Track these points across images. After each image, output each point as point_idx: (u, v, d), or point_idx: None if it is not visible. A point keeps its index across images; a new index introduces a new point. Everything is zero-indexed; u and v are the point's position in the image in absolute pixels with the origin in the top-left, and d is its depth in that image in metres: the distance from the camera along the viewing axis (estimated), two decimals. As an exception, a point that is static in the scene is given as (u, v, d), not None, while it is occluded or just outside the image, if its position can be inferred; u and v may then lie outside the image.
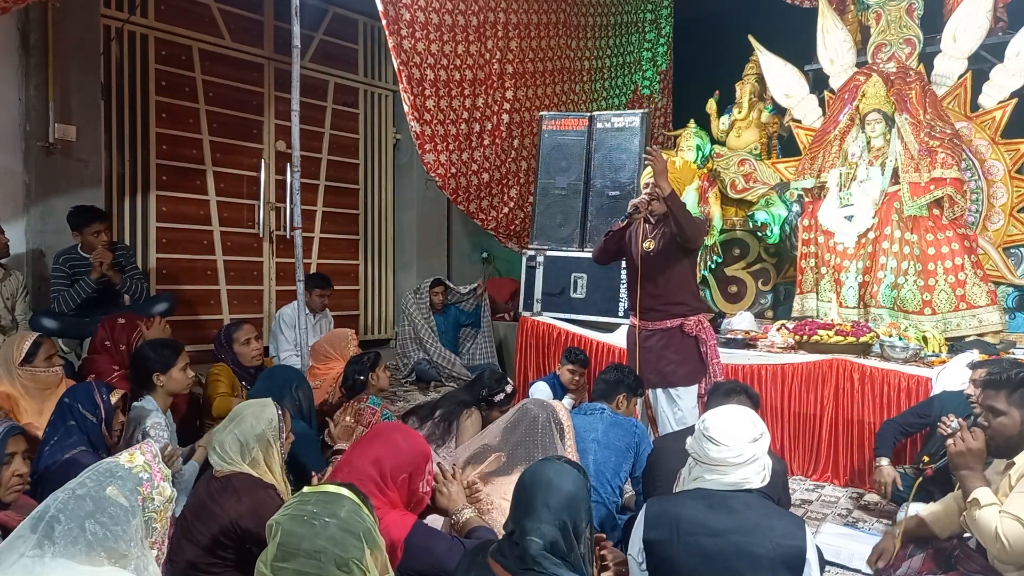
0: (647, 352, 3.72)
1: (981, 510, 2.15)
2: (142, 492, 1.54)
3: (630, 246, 3.77)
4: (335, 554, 1.43)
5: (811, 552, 1.91)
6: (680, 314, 3.66)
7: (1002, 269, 5.03)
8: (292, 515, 1.49)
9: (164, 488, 1.61)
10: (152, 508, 1.57)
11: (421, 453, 2.22)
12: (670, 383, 3.67)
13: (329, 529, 1.46)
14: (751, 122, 6.30)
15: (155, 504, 1.57)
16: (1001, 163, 5.13)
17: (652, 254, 3.67)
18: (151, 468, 1.60)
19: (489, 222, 6.67)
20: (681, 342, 3.66)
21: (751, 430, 1.99)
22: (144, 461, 1.61)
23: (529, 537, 1.61)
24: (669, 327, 3.67)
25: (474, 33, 6.20)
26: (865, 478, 4.06)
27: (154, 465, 1.62)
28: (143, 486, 1.55)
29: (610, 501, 2.96)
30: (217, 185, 5.97)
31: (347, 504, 1.52)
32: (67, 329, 4.29)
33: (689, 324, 3.65)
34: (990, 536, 2.11)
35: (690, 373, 3.66)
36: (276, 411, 2.41)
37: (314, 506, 1.50)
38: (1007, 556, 2.11)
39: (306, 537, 1.44)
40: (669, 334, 3.67)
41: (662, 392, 3.71)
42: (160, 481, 1.60)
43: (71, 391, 2.67)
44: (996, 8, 5.19)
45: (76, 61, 4.84)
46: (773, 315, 5.82)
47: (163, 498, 1.60)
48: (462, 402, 3.44)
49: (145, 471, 1.58)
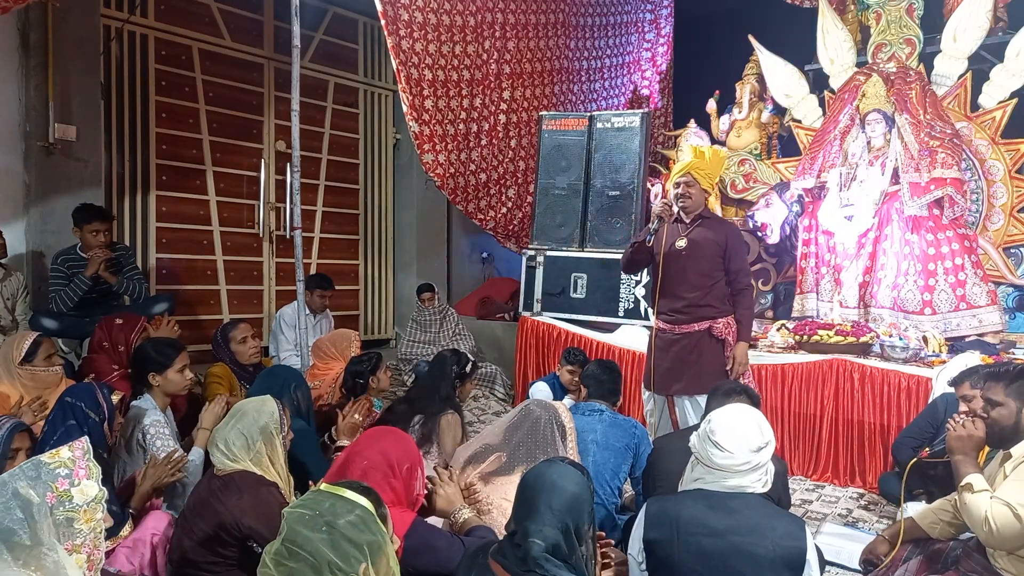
0: (674, 358, 3.58)
1: (973, 495, 2.18)
2: (56, 489, 1.49)
3: (654, 248, 3.63)
4: (332, 560, 1.42)
5: (811, 552, 1.91)
6: (709, 316, 3.53)
7: (1002, 269, 5.03)
8: (301, 513, 1.49)
9: (88, 486, 1.54)
10: (71, 506, 1.50)
11: (416, 450, 2.26)
12: (696, 391, 3.52)
13: (333, 536, 1.45)
14: (751, 122, 6.30)
15: (74, 503, 1.51)
16: (1001, 163, 5.13)
17: (684, 253, 3.55)
18: (73, 465, 1.54)
19: (487, 222, 6.67)
20: (709, 347, 3.53)
21: (757, 438, 1.98)
22: (68, 457, 1.55)
23: (531, 539, 1.61)
24: (697, 330, 3.54)
25: (472, 33, 6.21)
26: (866, 478, 4.06)
27: (79, 462, 1.55)
28: (58, 482, 1.50)
29: (609, 502, 2.96)
30: (217, 185, 5.97)
31: (358, 511, 1.50)
32: (67, 329, 4.28)
33: (718, 327, 3.52)
34: (979, 520, 2.14)
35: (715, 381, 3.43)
36: (277, 405, 2.41)
37: (325, 509, 1.49)
38: (994, 540, 2.14)
39: (310, 540, 1.44)
40: (697, 338, 3.55)
41: (688, 399, 3.58)
42: (83, 479, 1.54)
43: (72, 390, 2.67)
44: (996, 8, 5.19)
45: (76, 61, 4.84)
46: (773, 315, 5.82)
47: (85, 497, 1.53)
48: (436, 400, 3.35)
49: (65, 468, 1.52)
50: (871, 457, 4.08)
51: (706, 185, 3.59)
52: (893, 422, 3.99)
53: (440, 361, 3.60)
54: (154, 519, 2.49)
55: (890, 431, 3.96)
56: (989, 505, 2.12)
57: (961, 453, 2.28)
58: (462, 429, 3.34)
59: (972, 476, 2.21)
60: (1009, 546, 2.14)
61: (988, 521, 2.11)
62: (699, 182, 3.56)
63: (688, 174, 3.56)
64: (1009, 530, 2.08)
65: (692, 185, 3.56)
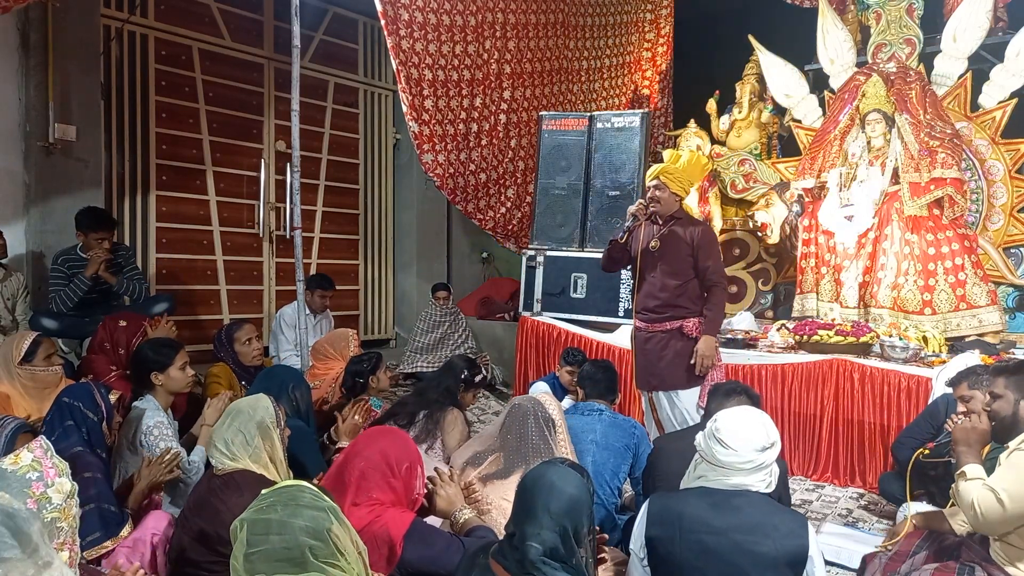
0: (647, 355, 3.69)
1: (966, 482, 2.23)
2: (33, 493, 1.46)
3: (633, 248, 3.73)
4: (304, 526, 1.44)
5: (814, 549, 1.91)
6: (680, 316, 3.61)
7: (1002, 269, 5.03)
8: (255, 508, 1.49)
9: (62, 484, 1.52)
10: (52, 507, 1.49)
11: (416, 449, 2.26)
12: (670, 386, 3.63)
13: (294, 508, 1.46)
14: (751, 122, 6.31)
15: (54, 503, 1.50)
16: (1001, 163, 5.13)
17: (656, 253, 3.63)
18: (41, 465, 1.52)
19: (487, 222, 6.67)
20: (681, 345, 3.61)
21: (763, 438, 1.98)
22: (32, 459, 1.52)
23: (528, 543, 1.60)
24: (669, 329, 3.63)
25: (472, 33, 6.20)
26: (866, 478, 4.06)
27: (45, 461, 1.53)
28: (32, 487, 1.47)
29: (609, 502, 2.96)
30: (217, 185, 5.96)
31: (307, 491, 1.53)
32: (67, 329, 4.28)
33: (688, 326, 3.60)
34: (967, 505, 2.19)
35: (690, 376, 3.60)
36: (271, 402, 2.42)
37: (275, 497, 1.50)
38: (979, 524, 2.18)
39: (273, 520, 1.44)
40: (669, 335, 3.63)
41: (663, 395, 3.68)
42: (54, 478, 1.52)
43: (70, 390, 2.67)
44: (996, 8, 5.20)
45: (76, 61, 4.84)
46: (773, 315, 5.82)
47: (62, 495, 1.52)
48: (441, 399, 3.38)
49: (33, 470, 1.50)
50: (871, 457, 4.08)
51: (676, 189, 3.64)
52: (893, 422, 3.98)
53: (450, 365, 3.66)
54: (154, 519, 2.49)
55: (890, 431, 3.96)
56: (977, 490, 2.17)
57: (965, 444, 2.32)
58: (467, 425, 3.37)
59: (970, 466, 2.26)
60: (994, 531, 2.19)
61: (974, 506, 2.16)
62: (668, 186, 3.62)
63: (658, 178, 3.63)
64: (993, 514, 2.12)
65: (662, 189, 3.62)
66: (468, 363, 3.64)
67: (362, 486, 2.10)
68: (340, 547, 1.46)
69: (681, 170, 3.63)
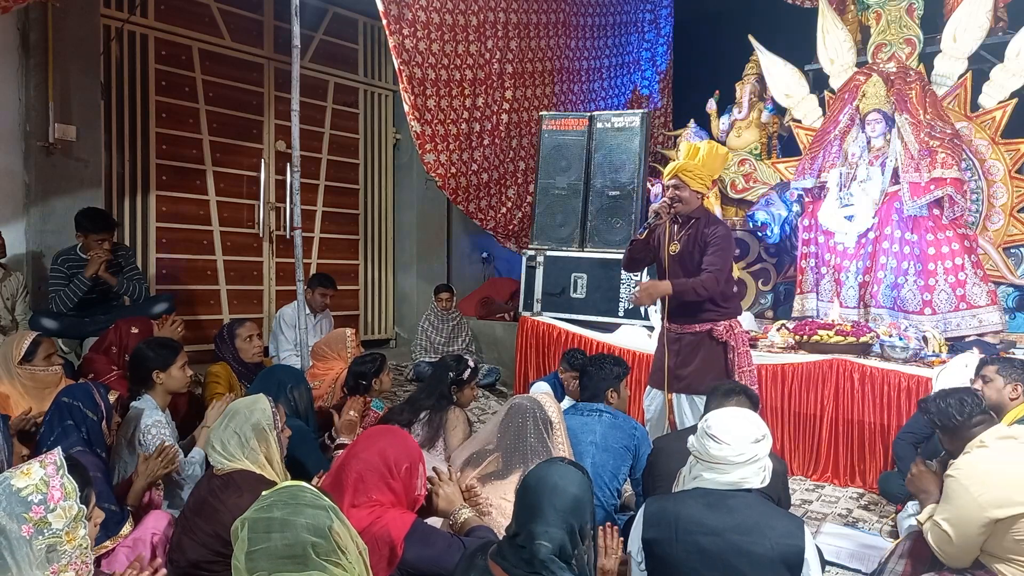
0: (674, 356, 3.57)
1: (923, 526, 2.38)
2: (31, 518, 1.41)
3: (658, 249, 3.62)
4: (306, 523, 1.45)
5: (810, 551, 1.91)
6: (708, 319, 3.49)
7: (1002, 269, 5.03)
8: (257, 508, 1.50)
9: (68, 507, 1.47)
10: (50, 533, 1.44)
11: (416, 449, 2.26)
12: (692, 390, 3.50)
13: (295, 507, 1.47)
14: (751, 122, 6.31)
15: (53, 528, 1.44)
16: (1001, 163, 5.13)
17: (677, 256, 3.53)
18: (47, 487, 1.45)
19: (488, 222, 6.67)
20: (709, 348, 3.51)
21: (754, 431, 2.00)
22: (41, 477, 1.46)
23: (538, 541, 1.60)
24: (698, 331, 3.52)
25: (474, 33, 6.20)
26: (866, 478, 4.06)
27: (53, 481, 1.47)
28: (32, 511, 1.42)
29: (608, 504, 2.95)
30: (217, 185, 5.96)
31: (307, 490, 1.54)
32: (67, 329, 4.28)
33: (719, 329, 3.49)
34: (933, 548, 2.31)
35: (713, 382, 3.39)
36: (269, 403, 2.41)
37: (275, 496, 1.51)
38: (947, 560, 2.27)
39: (275, 519, 1.45)
40: (698, 338, 3.53)
41: (685, 398, 3.57)
42: (59, 501, 1.46)
43: (69, 390, 2.67)
44: (996, 8, 5.19)
45: (76, 61, 4.84)
46: (773, 315, 5.82)
47: (65, 519, 1.46)
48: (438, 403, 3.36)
49: (38, 492, 1.44)
50: (871, 457, 4.07)
51: (696, 186, 3.49)
52: (893, 422, 3.98)
53: (440, 366, 3.62)
54: (154, 519, 2.49)
55: (890, 431, 3.96)
56: (931, 531, 2.29)
57: (921, 492, 2.50)
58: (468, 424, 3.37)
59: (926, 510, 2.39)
60: (962, 560, 2.26)
61: (934, 545, 2.28)
62: (688, 184, 3.47)
63: (676, 176, 3.49)
64: (948, 547, 2.24)
65: (681, 188, 3.48)
66: (456, 360, 3.59)
67: (360, 488, 2.10)
68: (341, 545, 1.47)
69: (700, 165, 3.48)
